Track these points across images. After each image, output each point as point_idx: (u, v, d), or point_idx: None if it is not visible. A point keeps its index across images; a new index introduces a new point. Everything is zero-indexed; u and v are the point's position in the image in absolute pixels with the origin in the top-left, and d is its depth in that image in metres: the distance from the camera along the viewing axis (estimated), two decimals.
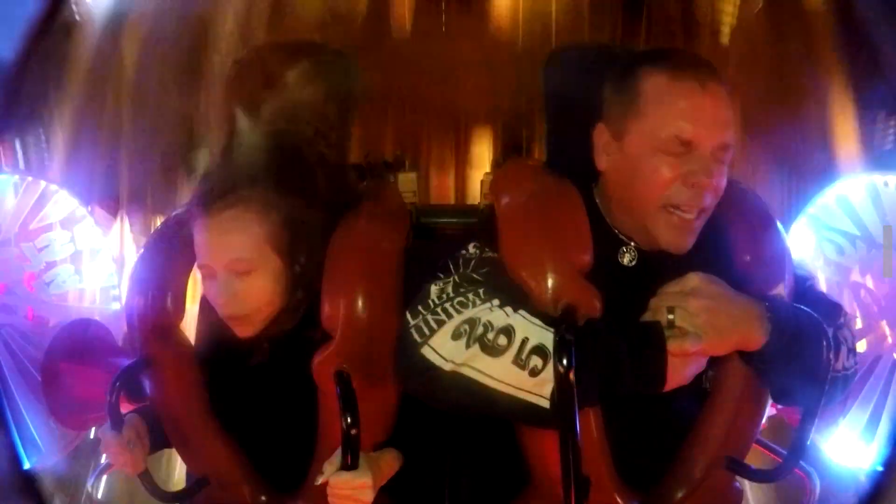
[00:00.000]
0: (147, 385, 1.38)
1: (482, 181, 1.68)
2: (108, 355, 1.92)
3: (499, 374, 1.09)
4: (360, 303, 1.24)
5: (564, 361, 1.02)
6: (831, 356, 1.12)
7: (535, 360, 1.08)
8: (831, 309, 1.27)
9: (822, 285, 2.04)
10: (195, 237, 1.29)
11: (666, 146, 1.16)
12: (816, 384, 1.12)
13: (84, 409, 1.94)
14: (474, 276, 1.19)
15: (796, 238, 2.14)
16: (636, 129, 1.19)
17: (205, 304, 1.38)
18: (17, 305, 2.16)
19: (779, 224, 1.32)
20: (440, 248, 1.32)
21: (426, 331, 1.13)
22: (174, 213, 1.49)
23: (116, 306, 2.24)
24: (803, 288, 1.31)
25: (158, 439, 1.38)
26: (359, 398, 1.16)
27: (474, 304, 1.13)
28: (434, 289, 1.17)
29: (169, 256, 1.40)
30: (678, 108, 1.16)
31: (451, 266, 1.22)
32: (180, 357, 1.37)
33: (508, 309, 1.12)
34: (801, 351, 1.12)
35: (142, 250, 1.48)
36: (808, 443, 1.15)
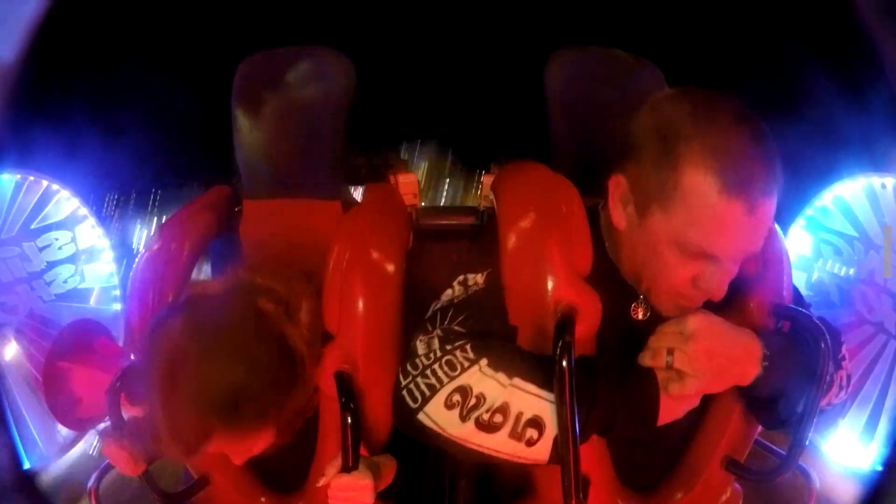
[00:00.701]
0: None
1: (483, 182, 1.67)
2: (108, 355, 1.92)
3: (497, 445, 1.09)
4: (360, 305, 1.24)
5: (564, 363, 1.03)
6: (829, 357, 1.12)
7: (531, 433, 1.08)
8: (832, 336, 1.26)
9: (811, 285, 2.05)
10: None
11: (689, 250, 1.07)
12: (815, 384, 1.12)
13: (84, 410, 1.94)
14: (456, 328, 1.17)
15: (794, 240, 2.15)
16: (662, 219, 1.08)
17: None
18: (18, 305, 2.16)
19: (777, 227, 1.32)
20: (440, 249, 1.32)
21: (418, 396, 1.12)
22: (174, 213, 1.50)
23: (116, 306, 2.25)
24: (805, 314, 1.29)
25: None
26: (359, 399, 1.16)
27: (463, 367, 1.10)
28: (420, 346, 1.15)
29: (170, 257, 1.40)
30: (716, 226, 1.04)
31: (433, 318, 1.20)
32: None
33: (501, 376, 1.09)
34: (792, 372, 1.12)
35: (143, 250, 1.48)
36: (807, 443, 1.15)
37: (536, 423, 1.07)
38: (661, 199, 1.07)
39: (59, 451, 2.14)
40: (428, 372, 1.12)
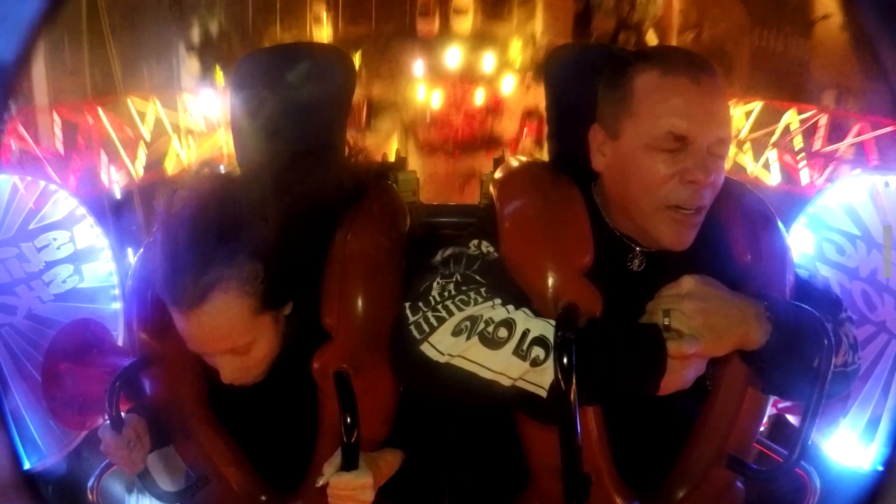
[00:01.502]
0: (147, 384, 1.38)
1: (482, 180, 1.67)
2: (108, 355, 1.92)
3: (498, 365, 1.09)
4: (359, 303, 1.24)
5: (565, 360, 1.02)
6: (833, 354, 1.12)
7: (538, 351, 1.08)
8: (832, 304, 1.28)
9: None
10: (178, 327, 1.20)
11: (660, 143, 1.15)
12: (817, 383, 1.12)
13: (84, 409, 1.94)
14: (477, 276, 1.18)
15: (796, 238, 2.14)
16: (630, 128, 1.18)
17: None
18: (17, 305, 2.16)
19: (779, 223, 1.32)
20: (440, 247, 1.32)
21: (426, 328, 1.12)
22: (173, 213, 1.49)
23: (116, 306, 2.24)
24: (804, 284, 1.31)
25: (158, 439, 1.38)
26: (358, 398, 1.16)
27: (476, 303, 1.13)
28: (436, 285, 1.16)
29: None
30: (671, 104, 1.15)
31: (454, 263, 1.21)
32: (180, 356, 1.37)
33: (510, 306, 1.12)
34: (802, 349, 1.12)
35: (142, 249, 1.47)
36: (809, 442, 1.15)
37: (543, 342, 1.08)
38: (624, 112, 1.19)
39: (59, 451, 2.13)
40: (440, 307, 1.13)
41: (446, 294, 1.14)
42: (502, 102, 6.05)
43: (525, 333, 1.09)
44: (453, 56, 6.04)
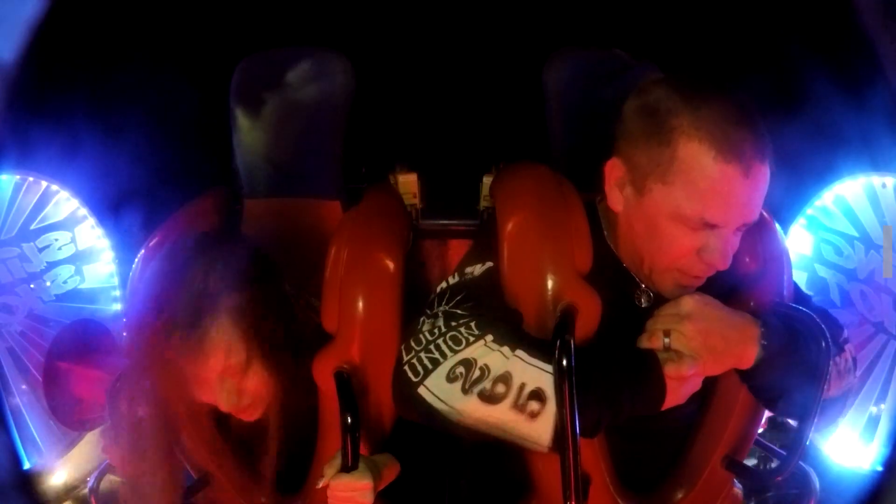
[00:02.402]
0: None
1: (483, 183, 1.67)
2: (108, 355, 1.92)
3: (497, 419, 1.09)
4: (359, 305, 1.24)
5: (564, 362, 1.03)
6: (829, 355, 1.12)
7: (533, 406, 1.07)
8: (833, 327, 1.26)
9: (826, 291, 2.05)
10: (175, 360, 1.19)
11: (689, 222, 1.10)
12: (816, 384, 1.12)
13: (84, 409, 1.94)
14: (462, 308, 1.16)
15: (795, 239, 2.14)
16: (661, 193, 1.11)
17: None
18: (18, 305, 2.16)
19: (777, 226, 1.32)
20: (440, 249, 1.32)
21: (420, 370, 1.12)
22: (173, 215, 1.49)
23: (116, 306, 2.24)
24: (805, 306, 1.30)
25: None
26: (358, 398, 1.16)
27: (468, 342, 1.11)
28: (426, 322, 1.15)
29: None
30: (713, 194, 1.07)
31: (432, 303, 1.20)
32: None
33: (506, 349, 1.10)
34: (796, 365, 1.12)
35: (142, 251, 1.47)
36: (808, 443, 1.15)
37: (538, 395, 1.07)
38: (658, 174, 1.10)
39: (59, 451, 2.13)
40: (432, 347, 1.12)
41: (436, 331, 1.13)
42: None
43: (521, 387, 1.08)
44: None
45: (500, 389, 1.08)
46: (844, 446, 2.05)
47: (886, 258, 2.01)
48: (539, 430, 1.08)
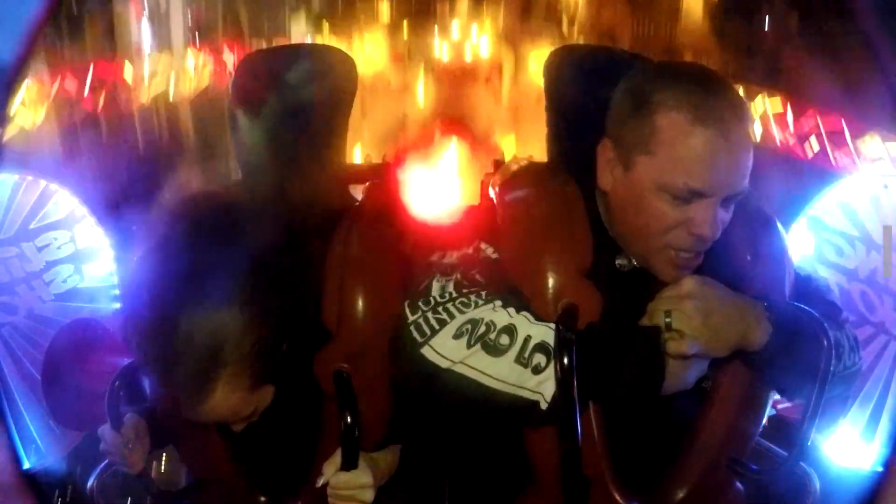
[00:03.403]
0: (147, 384, 1.38)
1: (483, 181, 1.67)
2: (108, 355, 1.92)
3: (500, 373, 1.09)
4: (359, 304, 1.24)
5: (565, 360, 1.03)
6: (832, 355, 1.12)
7: (539, 358, 1.08)
8: (831, 306, 1.28)
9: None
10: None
11: (673, 191, 1.12)
12: (817, 383, 1.12)
13: (84, 409, 1.94)
14: (477, 277, 1.18)
15: (796, 239, 2.14)
16: (646, 165, 1.13)
17: None
18: (17, 305, 2.16)
19: (778, 224, 1.32)
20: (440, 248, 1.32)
21: (427, 330, 1.12)
22: (172, 214, 1.49)
23: (116, 306, 2.24)
24: (804, 283, 1.32)
25: (158, 439, 1.38)
26: (358, 398, 1.16)
27: (476, 305, 1.12)
28: (436, 285, 1.16)
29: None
30: (694, 158, 1.09)
31: (455, 263, 1.21)
32: None
33: (511, 310, 1.12)
34: (802, 349, 1.12)
35: (141, 251, 1.47)
36: (809, 443, 1.15)
37: (544, 348, 1.08)
38: (642, 146, 1.13)
39: (59, 451, 2.13)
40: (440, 308, 1.13)
41: (446, 295, 1.14)
42: None
43: (527, 340, 1.09)
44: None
45: (504, 340, 1.09)
46: (844, 446, 2.05)
47: (886, 258, 2.01)
48: (543, 384, 1.08)
